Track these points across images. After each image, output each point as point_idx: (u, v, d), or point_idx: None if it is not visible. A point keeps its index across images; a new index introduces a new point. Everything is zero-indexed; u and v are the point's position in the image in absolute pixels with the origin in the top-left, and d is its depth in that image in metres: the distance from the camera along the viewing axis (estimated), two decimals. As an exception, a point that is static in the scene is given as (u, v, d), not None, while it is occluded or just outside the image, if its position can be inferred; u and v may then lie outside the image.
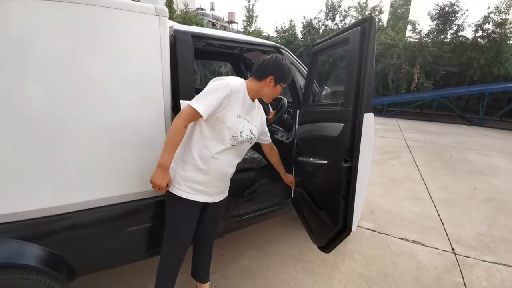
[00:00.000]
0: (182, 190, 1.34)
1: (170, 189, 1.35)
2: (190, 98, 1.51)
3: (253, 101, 1.42)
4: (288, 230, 2.52)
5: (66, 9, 1.16)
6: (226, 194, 1.54)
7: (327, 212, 1.64)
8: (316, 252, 2.02)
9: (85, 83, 1.25)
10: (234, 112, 1.29)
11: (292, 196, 2.19)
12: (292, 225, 2.55)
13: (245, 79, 1.40)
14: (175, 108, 1.51)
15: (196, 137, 1.32)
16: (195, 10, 20.30)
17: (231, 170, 1.44)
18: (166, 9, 1.38)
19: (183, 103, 1.48)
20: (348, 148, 1.39)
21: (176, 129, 1.21)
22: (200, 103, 1.20)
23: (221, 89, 1.24)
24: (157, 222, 1.58)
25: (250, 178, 2.31)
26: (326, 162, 1.61)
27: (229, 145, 1.32)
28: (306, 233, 1.93)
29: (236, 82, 1.29)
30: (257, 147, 2.45)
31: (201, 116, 1.21)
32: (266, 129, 1.63)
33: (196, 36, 1.61)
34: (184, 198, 1.34)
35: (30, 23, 1.12)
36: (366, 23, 1.32)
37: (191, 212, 1.40)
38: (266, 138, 1.65)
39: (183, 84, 1.51)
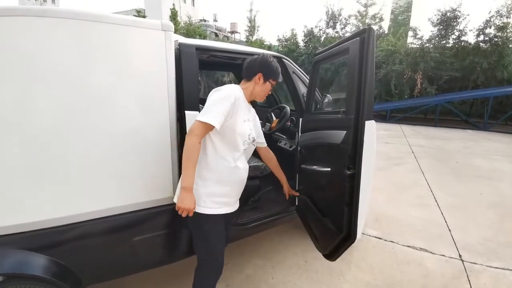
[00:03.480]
0: (209, 207, 1.34)
1: (196, 210, 1.31)
2: (195, 108, 1.55)
3: (250, 103, 1.49)
4: (292, 238, 2.51)
5: (79, 26, 1.22)
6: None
7: (331, 219, 1.64)
8: (321, 260, 2.01)
9: (95, 95, 1.30)
10: (241, 118, 1.35)
11: (296, 203, 2.19)
12: (296, 233, 2.54)
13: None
14: (180, 119, 1.55)
15: (210, 152, 1.34)
16: (199, 22, 20.70)
17: (246, 174, 1.49)
18: (172, 24, 1.43)
19: (188, 114, 1.52)
20: (351, 155, 1.41)
21: (192, 147, 1.20)
22: (210, 115, 1.21)
23: (226, 98, 1.28)
24: (163, 231, 1.60)
25: (254, 186, 2.31)
26: (329, 169, 1.62)
27: (243, 150, 1.40)
28: (311, 241, 1.93)
29: (236, 90, 1.36)
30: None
31: (213, 128, 1.23)
32: (261, 132, 1.68)
33: (200, 49, 1.66)
34: (212, 214, 1.35)
35: (41, 39, 1.17)
36: (365, 34, 1.35)
37: (219, 226, 1.41)
38: (262, 141, 1.68)
39: (188, 95, 1.55)
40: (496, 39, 9.33)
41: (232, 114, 1.29)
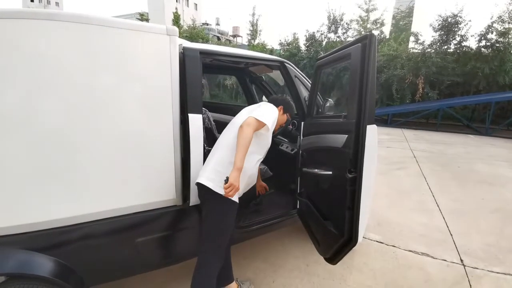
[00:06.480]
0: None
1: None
2: (198, 111, 1.57)
3: None
4: (294, 242, 2.51)
5: (86, 30, 1.25)
6: None
7: (332, 223, 1.65)
8: (323, 264, 2.00)
9: (100, 98, 1.32)
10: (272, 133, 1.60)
11: (298, 207, 2.19)
12: (298, 236, 2.54)
13: (249, 90, 1.54)
14: (184, 121, 1.57)
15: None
16: (201, 25, 20.89)
17: (255, 180, 1.70)
18: (177, 29, 1.46)
19: (191, 117, 1.54)
20: (352, 159, 1.42)
21: (249, 137, 1.37)
22: (266, 118, 1.45)
23: (275, 112, 1.62)
24: (165, 233, 1.61)
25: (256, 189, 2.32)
26: (330, 173, 1.63)
27: (262, 158, 1.64)
28: (312, 244, 1.93)
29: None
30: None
31: (264, 126, 1.46)
32: None
33: (203, 53, 1.68)
34: (236, 202, 1.48)
35: (48, 42, 1.19)
36: (366, 40, 1.37)
37: (235, 214, 1.52)
38: None
39: (192, 98, 1.57)
40: (498, 45, 9.34)
41: (274, 125, 1.56)
